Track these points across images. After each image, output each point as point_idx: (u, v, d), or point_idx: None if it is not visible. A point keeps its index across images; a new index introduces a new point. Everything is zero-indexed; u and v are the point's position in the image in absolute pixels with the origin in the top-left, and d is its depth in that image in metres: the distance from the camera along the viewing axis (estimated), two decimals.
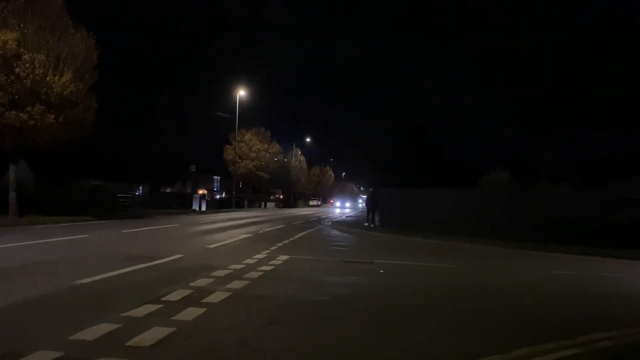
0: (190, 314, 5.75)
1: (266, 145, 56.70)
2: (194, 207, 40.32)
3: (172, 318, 5.53)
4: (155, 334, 4.90)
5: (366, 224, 24.95)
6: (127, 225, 18.94)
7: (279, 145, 60.18)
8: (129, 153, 51.38)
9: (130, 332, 4.89)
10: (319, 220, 31.19)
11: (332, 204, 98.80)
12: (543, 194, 22.09)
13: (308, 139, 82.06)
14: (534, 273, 11.45)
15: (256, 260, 10.59)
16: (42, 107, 19.56)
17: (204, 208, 41.46)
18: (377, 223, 24.93)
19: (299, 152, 76.16)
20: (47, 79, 19.58)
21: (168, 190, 63.31)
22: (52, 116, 19.88)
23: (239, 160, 53.01)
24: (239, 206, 49.67)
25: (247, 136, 54.80)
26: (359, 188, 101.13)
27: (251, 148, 54.85)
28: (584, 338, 5.65)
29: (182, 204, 41.23)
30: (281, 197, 72.86)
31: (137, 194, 52.98)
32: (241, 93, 47.46)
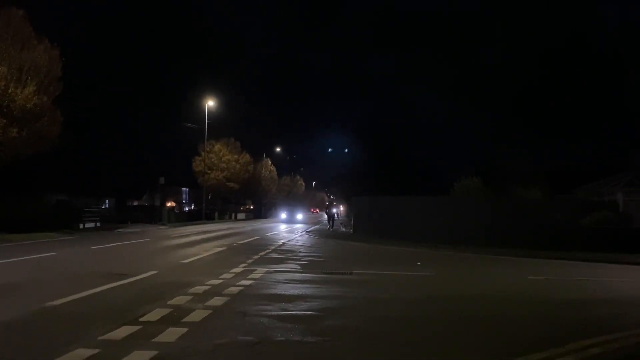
0: (171, 335, 5.49)
1: (236, 156, 56.08)
2: (163, 221, 39.51)
3: (153, 340, 5.27)
4: (137, 358, 4.64)
5: (330, 229, 31.20)
6: (96, 241, 18.36)
7: (249, 155, 59.66)
8: (95, 166, 50.12)
9: (110, 358, 4.62)
10: (292, 231, 30.95)
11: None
12: (516, 200, 22.44)
13: (278, 149, 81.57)
14: (513, 279, 11.53)
15: (234, 274, 10.34)
16: (4, 120, 18.87)
17: (173, 221, 40.67)
18: (335, 228, 31.79)
19: (269, 162, 75.66)
20: (9, 91, 18.90)
21: (136, 203, 61.94)
22: (15, 130, 19.19)
23: (209, 171, 52.27)
24: (209, 218, 48.95)
25: (217, 147, 54.12)
26: (329, 197, 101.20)
27: (221, 159, 54.19)
28: (574, 345, 5.63)
29: (151, 218, 40.33)
30: (251, 207, 72.07)
31: (103, 207, 51.62)
32: (210, 103, 46.88)
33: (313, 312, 6.97)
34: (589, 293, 9.68)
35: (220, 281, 9.38)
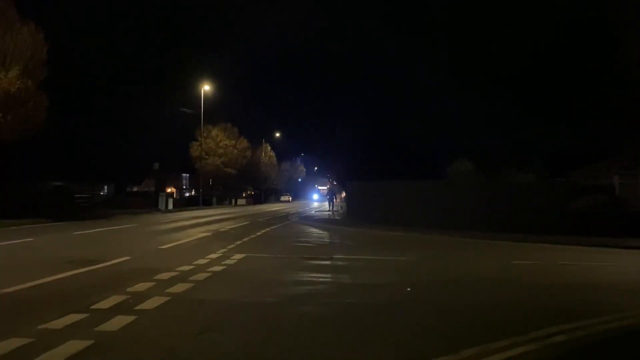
0: (117, 323, 5.27)
1: (233, 141, 55.79)
2: (159, 206, 39.39)
3: (94, 329, 5.05)
4: (69, 348, 4.41)
5: (329, 213, 31.21)
6: (83, 226, 18.19)
7: (247, 140, 59.30)
8: (94, 152, 50.00)
9: (41, 348, 4.40)
10: (286, 216, 30.74)
11: None
12: (506, 183, 22.13)
13: (278, 134, 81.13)
14: (495, 264, 11.27)
15: (208, 260, 10.12)
16: None
17: (170, 206, 40.50)
18: (335, 213, 31.02)
19: (269, 148, 75.31)
20: None
21: (135, 189, 61.96)
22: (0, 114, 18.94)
23: (206, 157, 52.06)
24: (207, 204, 48.80)
25: (214, 132, 53.86)
26: (331, 182, 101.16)
27: (218, 144, 53.93)
28: (538, 333, 5.39)
29: (147, 203, 40.22)
30: (252, 193, 71.99)
31: (102, 193, 51.58)
32: (206, 88, 46.45)
33: (275, 300, 6.72)
34: (569, 278, 9.42)
35: (192, 267, 9.15)
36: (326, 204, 39.50)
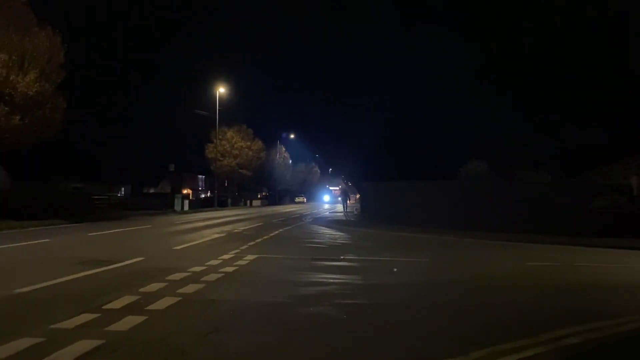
0: (127, 323, 5.32)
1: (248, 143, 56.01)
2: (175, 207, 39.65)
3: (105, 329, 5.10)
4: (78, 348, 4.47)
5: (343, 214, 30.94)
6: (98, 227, 18.38)
7: (262, 142, 59.51)
8: (111, 154, 50.65)
9: (51, 348, 4.46)
10: (300, 217, 30.76)
11: None
12: (524, 183, 21.90)
13: (292, 136, 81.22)
14: (509, 265, 11.18)
15: (221, 261, 10.16)
16: (6, 108, 18.90)
17: (186, 208, 40.72)
18: (349, 214, 30.54)
19: (283, 149, 75.49)
20: (11, 79, 18.90)
21: (151, 190, 62.49)
22: (18, 117, 19.22)
23: (221, 158, 52.37)
24: (222, 205, 49.02)
25: (229, 133, 54.13)
26: (345, 182, 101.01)
27: (233, 145, 54.19)
28: (550, 335, 5.33)
29: (163, 204, 40.51)
30: (266, 194, 72.29)
31: (118, 195, 52.18)
32: (221, 90, 46.71)
33: (286, 300, 6.74)
34: (584, 279, 9.30)
35: (204, 268, 9.20)
36: (338, 205, 39.54)
